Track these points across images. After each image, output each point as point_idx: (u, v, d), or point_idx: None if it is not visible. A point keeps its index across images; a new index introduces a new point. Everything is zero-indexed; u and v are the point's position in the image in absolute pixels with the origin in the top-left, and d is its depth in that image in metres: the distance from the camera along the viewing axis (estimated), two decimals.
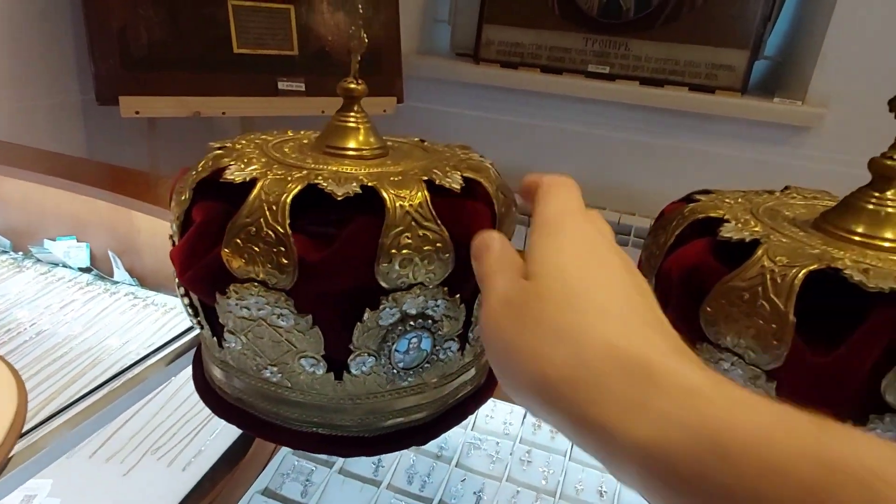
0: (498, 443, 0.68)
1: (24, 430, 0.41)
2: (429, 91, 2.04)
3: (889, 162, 0.36)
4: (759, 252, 0.33)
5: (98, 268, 1.00)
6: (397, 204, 0.36)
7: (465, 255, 0.38)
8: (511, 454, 0.67)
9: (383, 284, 0.36)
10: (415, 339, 0.38)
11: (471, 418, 0.71)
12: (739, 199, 0.42)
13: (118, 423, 0.70)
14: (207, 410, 0.45)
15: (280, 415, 0.41)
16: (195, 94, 1.47)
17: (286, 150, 0.43)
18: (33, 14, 1.50)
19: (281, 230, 0.34)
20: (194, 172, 0.40)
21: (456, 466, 0.65)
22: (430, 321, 0.38)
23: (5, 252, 1.02)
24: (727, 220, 0.37)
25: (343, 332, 0.37)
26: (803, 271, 0.31)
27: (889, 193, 0.36)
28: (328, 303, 0.36)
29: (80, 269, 0.99)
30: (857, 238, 0.36)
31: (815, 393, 0.30)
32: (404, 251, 0.36)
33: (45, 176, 1.02)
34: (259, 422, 0.42)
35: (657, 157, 1.88)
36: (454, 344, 0.41)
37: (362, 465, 0.65)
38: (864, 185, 0.37)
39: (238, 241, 0.35)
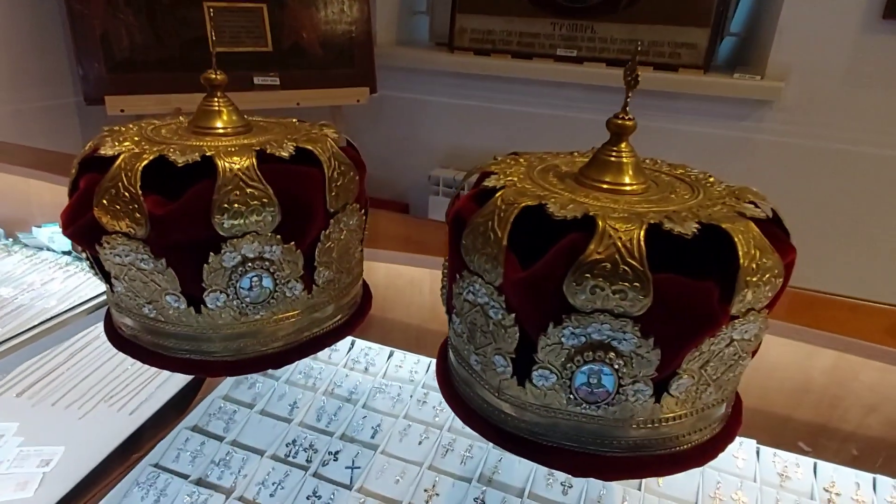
0: (401, 387, 0.77)
1: None
2: (405, 80, 2.12)
3: (619, 121, 0.44)
4: (497, 195, 0.41)
5: (77, 251, 1.11)
6: (227, 167, 0.45)
7: (293, 209, 0.48)
8: (411, 396, 0.76)
9: (220, 233, 0.45)
10: (255, 278, 0.48)
11: (381, 367, 0.81)
12: (521, 161, 0.49)
13: (78, 377, 0.82)
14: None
15: (161, 345, 0.51)
16: (175, 91, 1.58)
17: (163, 131, 0.53)
18: (27, 22, 1.62)
19: (133, 191, 0.44)
20: (82, 151, 0.50)
21: (362, 407, 0.75)
22: (267, 262, 0.48)
23: None
24: (494, 173, 0.45)
25: (195, 273, 0.47)
26: (518, 207, 0.39)
27: (623, 146, 0.44)
28: (179, 249, 0.46)
29: (62, 252, 1.11)
30: (605, 186, 0.44)
31: (525, 301, 0.39)
32: (235, 205, 0.45)
33: (30, 169, 1.14)
34: (146, 352, 0.52)
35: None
36: (298, 284, 0.50)
37: (280, 406, 0.75)
38: (605, 142, 0.45)
39: (105, 201, 0.45)
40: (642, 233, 0.36)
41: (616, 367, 0.38)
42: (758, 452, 0.68)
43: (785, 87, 1.70)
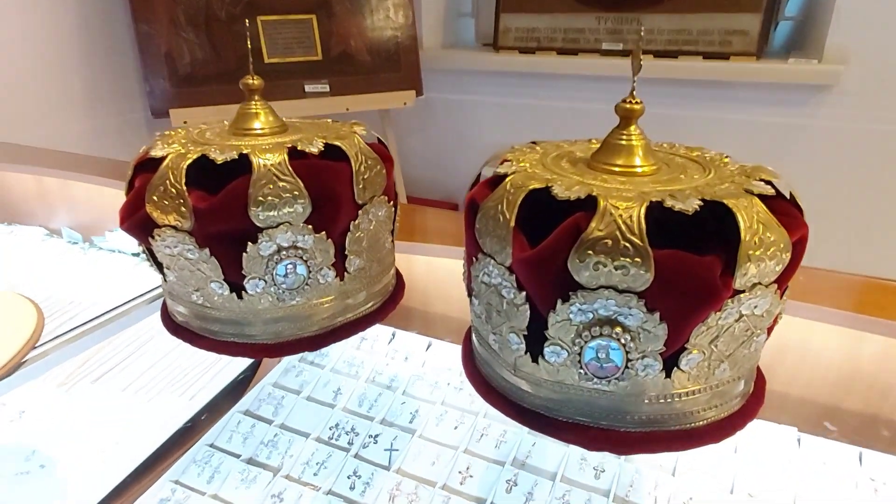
0: (438, 375, 0.80)
1: (38, 344, 0.58)
2: (452, 82, 2.16)
3: (627, 105, 0.45)
4: (507, 180, 0.43)
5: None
6: (261, 163, 0.49)
7: (322, 201, 0.51)
8: (448, 384, 0.78)
9: (257, 224, 0.49)
10: (290, 265, 0.52)
11: (421, 357, 0.84)
12: (537, 148, 0.51)
13: (147, 364, 0.89)
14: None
15: (208, 329, 0.56)
16: (233, 102, 1.67)
17: (207, 134, 0.58)
18: (101, 44, 1.76)
19: (179, 187, 0.49)
20: (137, 155, 0.55)
21: (401, 394, 0.78)
22: (301, 251, 0.52)
23: (76, 243, 1.25)
24: (508, 161, 0.47)
25: (236, 261, 0.51)
26: (526, 190, 0.41)
27: (632, 129, 0.45)
28: (221, 239, 0.50)
29: (133, 254, 1.20)
30: (617, 169, 0.45)
31: (533, 279, 0.40)
32: (269, 198, 0.49)
33: (103, 178, 1.24)
34: (196, 336, 0.57)
35: (676, 129, 1.89)
36: (330, 271, 0.54)
37: (324, 392, 0.79)
38: (615, 126, 0.46)
39: (155, 197, 0.50)
40: (643, 210, 0.37)
41: (623, 342, 0.39)
42: (798, 441, 0.66)
43: (844, 71, 1.62)
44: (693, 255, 0.37)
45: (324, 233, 0.52)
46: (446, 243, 0.88)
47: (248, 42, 0.65)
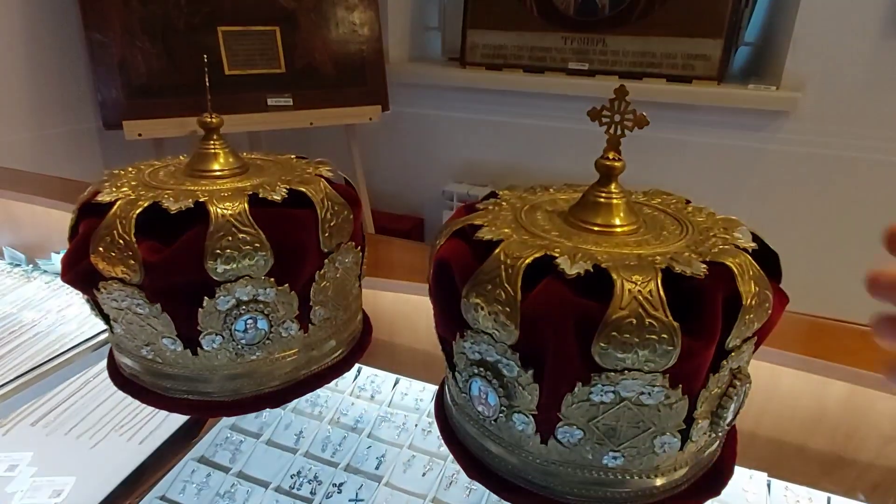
0: (406, 416, 0.77)
1: None
2: (418, 96, 2.14)
3: (607, 162, 0.44)
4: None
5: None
6: (219, 213, 0.46)
7: (286, 252, 0.48)
8: (416, 426, 0.76)
9: (214, 277, 0.46)
10: (250, 321, 0.48)
11: (387, 395, 0.81)
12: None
13: (91, 405, 0.83)
14: None
15: (159, 385, 0.52)
16: (191, 114, 1.61)
17: (161, 174, 0.54)
18: (49, 50, 1.67)
19: (128, 238, 0.45)
20: (83, 197, 0.51)
21: (367, 437, 0.75)
22: (262, 305, 0.48)
23: (18, 265, 1.17)
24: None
25: (190, 316, 0.47)
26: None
27: (612, 187, 0.44)
28: (174, 293, 0.47)
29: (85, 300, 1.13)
30: (595, 228, 0.44)
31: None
32: (228, 250, 0.46)
33: (50, 200, 1.17)
34: (145, 392, 0.53)
35: (638, 150, 1.91)
36: (293, 324, 0.51)
37: (285, 436, 0.75)
38: (594, 182, 0.45)
39: (101, 248, 0.46)
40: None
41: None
42: (769, 486, 0.66)
43: (801, 98, 1.67)
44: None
45: (287, 285, 0.49)
46: (413, 278, 0.85)
47: (206, 70, 0.60)
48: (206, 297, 0.46)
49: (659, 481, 0.41)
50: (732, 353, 0.39)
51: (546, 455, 0.41)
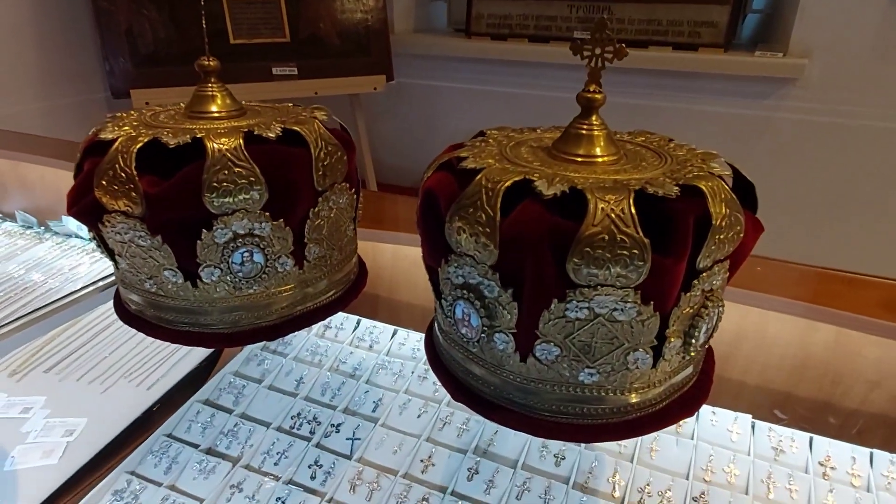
0: (402, 364, 0.79)
1: None
2: (423, 67, 2.13)
3: (588, 94, 0.45)
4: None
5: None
6: (216, 148, 0.47)
7: (280, 188, 0.50)
8: (412, 372, 0.78)
9: (211, 210, 0.48)
10: (247, 254, 0.50)
11: (385, 345, 0.83)
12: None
13: (103, 353, 0.86)
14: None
15: (162, 318, 0.54)
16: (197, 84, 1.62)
17: (161, 117, 0.55)
18: (58, 20, 1.69)
19: (129, 172, 0.47)
20: (87, 137, 0.53)
21: (365, 383, 0.77)
22: (257, 239, 0.50)
23: (30, 227, 1.20)
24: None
25: (190, 249, 0.49)
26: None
27: (593, 119, 0.45)
28: (174, 226, 0.49)
29: (90, 239, 1.16)
30: (578, 159, 0.45)
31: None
32: (224, 184, 0.48)
33: (59, 160, 1.20)
34: (149, 325, 0.55)
35: (644, 118, 1.91)
36: (289, 260, 0.53)
37: (286, 381, 0.78)
38: (577, 115, 0.46)
39: (104, 182, 0.48)
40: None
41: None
42: (753, 427, 0.68)
43: (808, 65, 1.65)
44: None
45: (282, 220, 0.51)
46: (413, 231, 0.87)
47: (204, 21, 0.62)
48: (203, 230, 0.49)
49: (634, 398, 0.43)
50: (704, 274, 0.40)
51: (525, 373, 0.43)
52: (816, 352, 0.72)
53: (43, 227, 1.20)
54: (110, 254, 0.54)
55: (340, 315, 0.86)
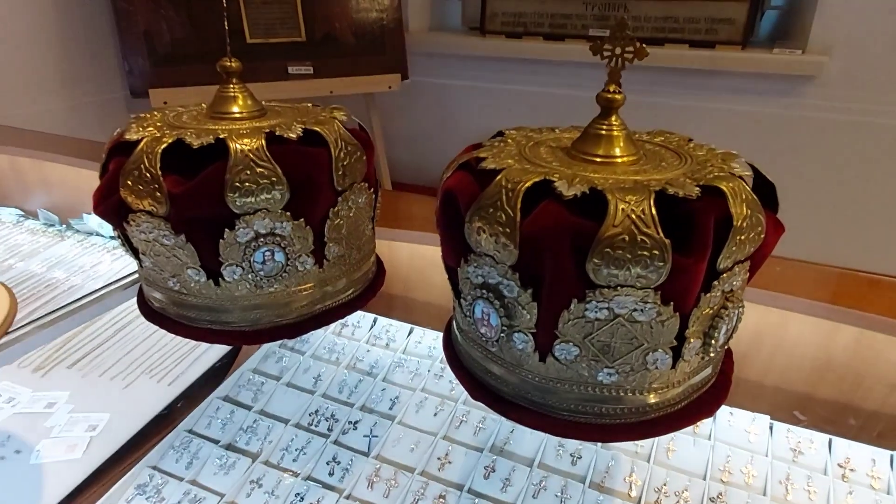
0: (419, 362, 0.80)
1: (11, 329, 0.57)
2: (438, 66, 2.14)
3: (608, 95, 0.45)
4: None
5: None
6: (238, 149, 0.48)
7: (300, 187, 0.51)
8: (429, 371, 0.79)
9: (233, 210, 0.49)
10: (268, 252, 0.51)
11: (402, 343, 0.84)
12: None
13: (125, 350, 0.88)
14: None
15: (185, 315, 0.55)
16: (215, 83, 1.64)
17: (184, 117, 0.56)
18: (79, 22, 1.71)
19: (154, 172, 0.48)
20: (112, 138, 0.54)
21: (382, 381, 0.78)
22: (279, 238, 0.51)
23: (52, 225, 1.23)
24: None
25: (213, 247, 0.50)
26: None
27: (613, 119, 0.45)
28: (197, 225, 0.50)
29: (110, 237, 1.18)
30: (597, 159, 0.45)
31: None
32: (246, 184, 0.48)
33: (80, 159, 1.22)
34: (172, 322, 0.56)
35: (661, 117, 1.90)
36: (309, 259, 0.54)
37: (304, 379, 0.79)
38: (596, 116, 0.46)
39: (129, 182, 0.49)
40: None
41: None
42: (771, 428, 0.68)
43: (828, 62, 1.63)
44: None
45: (302, 220, 0.51)
46: (429, 230, 0.87)
47: (226, 22, 0.63)
48: (226, 230, 0.49)
49: (653, 398, 0.43)
50: (724, 275, 0.40)
51: (544, 373, 0.43)
52: (837, 353, 0.71)
53: (64, 226, 1.22)
54: (134, 252, 0.55)
55: (357, 313, 0.86)
